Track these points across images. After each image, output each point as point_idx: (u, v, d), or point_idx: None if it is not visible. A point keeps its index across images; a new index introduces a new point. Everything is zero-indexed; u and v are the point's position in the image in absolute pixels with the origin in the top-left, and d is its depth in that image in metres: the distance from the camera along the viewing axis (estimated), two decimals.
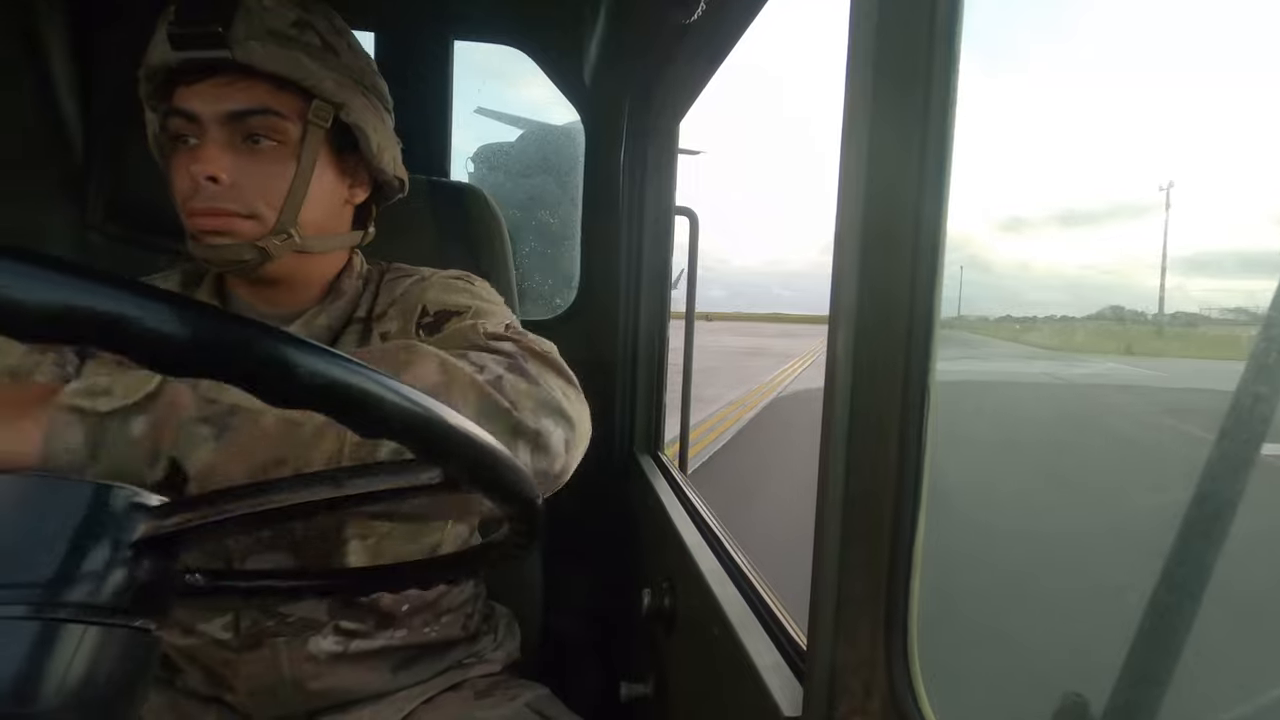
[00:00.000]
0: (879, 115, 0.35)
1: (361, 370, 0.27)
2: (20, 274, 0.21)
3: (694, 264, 1.21)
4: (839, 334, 0.38)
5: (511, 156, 1.50)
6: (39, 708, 0.27)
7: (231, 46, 0.62)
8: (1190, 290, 44.59)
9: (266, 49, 0.63)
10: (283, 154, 0.66)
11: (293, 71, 0.64)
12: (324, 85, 0.66)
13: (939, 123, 0.34)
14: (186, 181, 0.64)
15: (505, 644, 0.86)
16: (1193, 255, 67.61)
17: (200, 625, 0.68)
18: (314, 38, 0.67)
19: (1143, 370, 12.31)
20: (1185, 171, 69.25)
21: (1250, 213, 33.02)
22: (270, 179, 0.66)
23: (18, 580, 0.28)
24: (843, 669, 0.39)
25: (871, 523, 0.37)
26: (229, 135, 0.64)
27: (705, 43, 0.84)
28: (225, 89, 0.64)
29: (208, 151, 0.63)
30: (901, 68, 0.35)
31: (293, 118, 0.66)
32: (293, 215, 0.67)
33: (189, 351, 0.23)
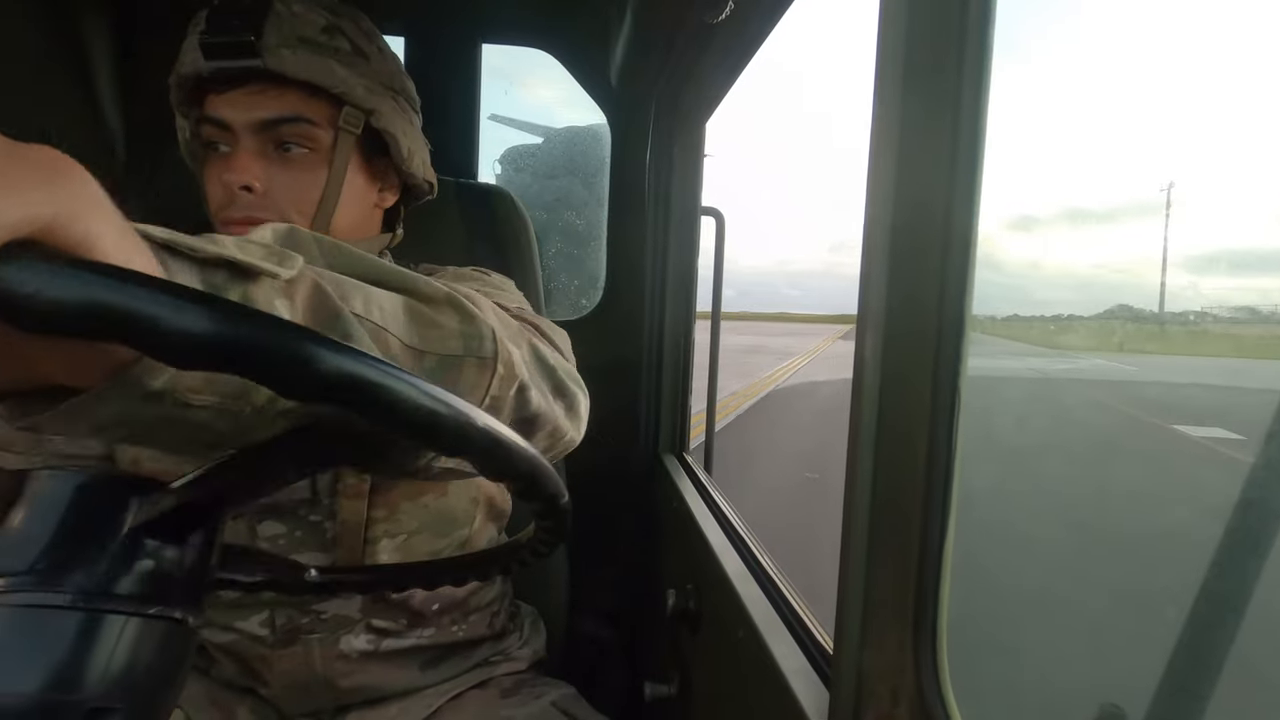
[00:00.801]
0: (909, 114, 0.35)
1: (391, 371, 0.27)
2: (55, 273, 0.21)
3: (720, 264, 1.21)
4: (867, 336, 0.37)
5: (538, 158, 1.50)
6: (84, 695, 0.28)
7: (263, 55, 0.62)
8: (1202, 288, 43.87)
9: (298, 56, 0.63)
10: (314, 161, 0.66)
11: (324, 79, 0.64)
12: (354, 92, 0.66)
13: (970, 121, 0.33)
14: (220, 190, 0.65)
15: (531, 642, 0.87)
16: (1210, 253, 65.73)
17: (238, 623, 0.69)
18: (344, 43, 0.67)
19: (1124, 366, 12.89)
20: (1201, 168, 67.35)
21: (1265, 210, 32.12)
22: (303, 186, 0.66)
23: (64, 572, 0.29)
24: (869, 674, 0.39)
25: (899, 527, 0.37)
26: (261, 143, 0.65)
27: (732, 42, 0.84)
28: (257, 97, 0.64)
29: (241, 160, 0.64)
30: (932, 65, 0.34)
31: (324, 124, 0.66)
32: (325, 222, 0.67)
33: (212, 348, 0.23)
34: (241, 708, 0.73)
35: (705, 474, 1.07)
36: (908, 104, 0.35)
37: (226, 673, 0.73)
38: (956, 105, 0.33)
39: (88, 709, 0.28)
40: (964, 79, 0.33)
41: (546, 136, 1.50)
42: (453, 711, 0.76)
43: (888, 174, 0.36)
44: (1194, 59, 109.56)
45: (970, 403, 0.34)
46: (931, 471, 0.35)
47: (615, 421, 1.24)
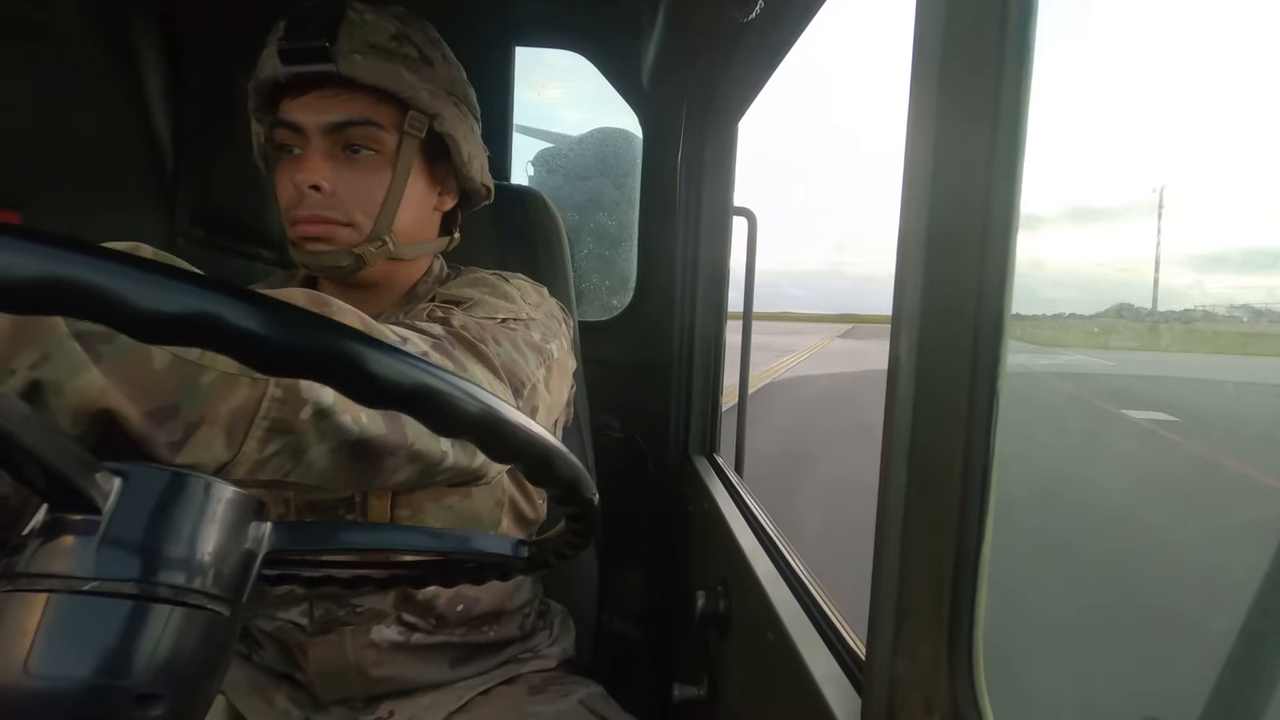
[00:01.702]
0: (945, 109, 0.34)
1: (443, 376, 0.29)
2: (138, 279, 0.22)
3: (752, 265, 1.20)
4: (901, 337, 0.37)
5: (570, 159, 1.51)
6: (132, 681, 0.29)
7: (336, 60, 0.64)
8: (1208, 286, 44.23)
9: (368, 62, 0.65)
10: (380, 163, 0.69)
11: (392, 83, 0.67)
12: (420, 97, 0.68)
13: (1010, 118, 0.33)
14: (291, 190, 0.67)
15: (560, 640, 0.87)
16: (1216, 252, 65.15)
17: (280, 612, 0.72)
18: (412, 50, 0.69)
19: (1103, 361, 14.16)
20: (1205, 166, 66.72)
21: (1266, 209, 31.79)
22: (368, 188, 0.68)
23: (116, 564, 0.30)
24: (902, 682, 0.38)
25: (934, 533, 0.36)
26: (330, 145, 0.67)
27: (763, 41, 0.83)
28: (328, 100, 0.66)
29: (311, 161, 0.66)
30: (970, 61, 0.33)
31: (390, 128, 0.68)
32: (387, 223, 0.69)
33: (287, 354, 0.25)
34: (279, 693, 0.75)
35: (736, 475, 1.06)
36: (944, 95, 0.34)
37: (267, 658, 0.76)
38: (996, 101, 0.33)
39: (135, 695, 0.29)
40: (1004, 73, 0.32)
41: (585, 134, 1.51)
42: (482, 706, 0.77)
43: (924, 172, 0.35)
44: (1195, 59, 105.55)
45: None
46: (968, 476, 0.34)
47: (645, 422, 1.24)
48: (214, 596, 0.32)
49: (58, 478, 0.29)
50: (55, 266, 0.21)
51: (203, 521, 0.33)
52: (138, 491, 0.31)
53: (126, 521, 0.31)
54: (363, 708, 0.76)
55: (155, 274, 0.23)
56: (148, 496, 0.32)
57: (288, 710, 0.74)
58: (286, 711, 0.74)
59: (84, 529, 0.30)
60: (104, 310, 0.22)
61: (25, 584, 0.29)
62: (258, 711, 0.74)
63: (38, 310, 0.22)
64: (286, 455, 0.41)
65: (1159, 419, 5.29)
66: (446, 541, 0.46)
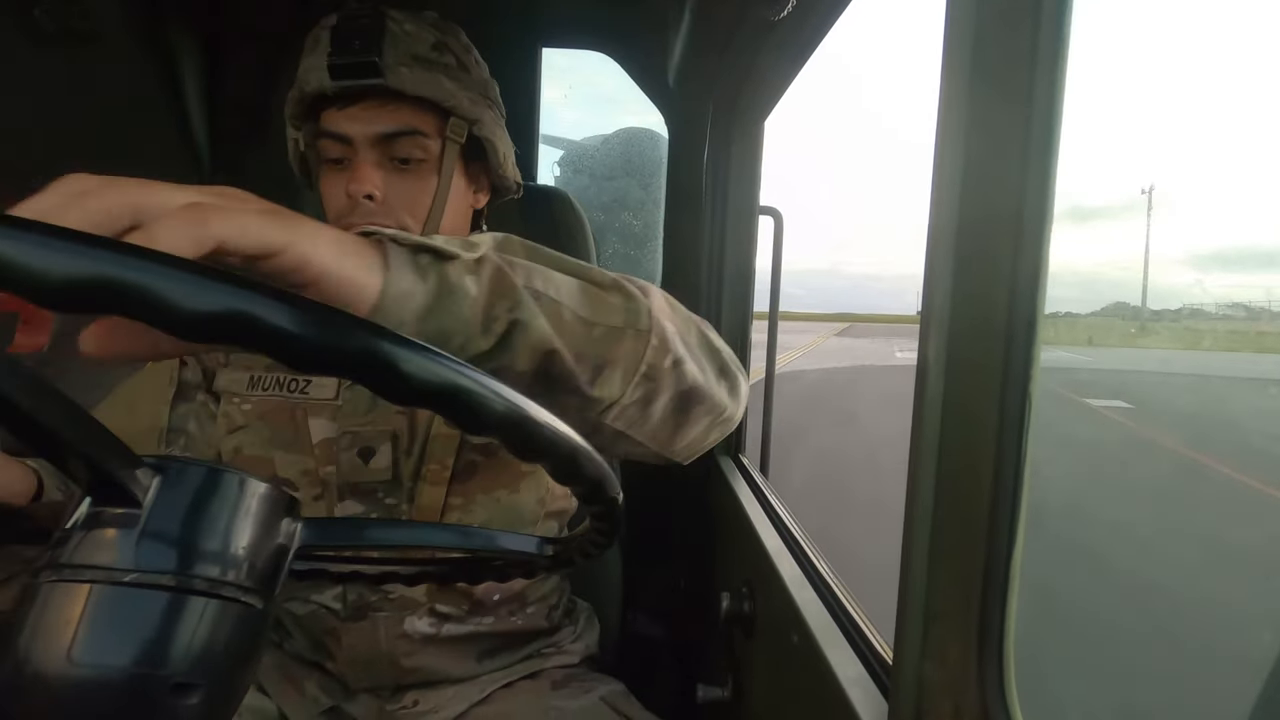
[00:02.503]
0: (977, 103, 0.33)
1: (471, 374, 0.29)
2: (179, 279, 0.23)
3: (778, 264, 1.19)
4: (931, 336, 0.36)
5: (596, 159, 1.52)
6: (169, 671, 0.30)
7: (384, 74, 0.66)
8: (1208, 285, 45.53)
9: (413, 74, 0.67)
10: (426, 170, 0.71)
11: (435, 93, 0.68)
12: (462, 104, 0.70)
13: (1045, 107, 0.32)
14: (342, 199, 0.69)
15: (584, 636, 0.88)
16: (1207, 252, 66.17)
17: (314, 596, 0.74)
18: (450, 58, 0.71)
19: (1080, 357, 15.39)
20: (1198, 168, 67.72)
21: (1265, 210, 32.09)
22: (417, 193, 0.70)
23: (154, 556, 0.31)
24: (930, 688, 0.37)
25: (964, 536, 0.35)
26: (379, 155, 0.69)
27: (792, 39, 0.82)
28: (375, 112, 0.68)
29: (363, 171, 0.68)
30: (1004, 56, 0.33)
31: (433, 135, 0.70)
32: (435, 226, 0.71)
33: (320, 353, 0.26)
34: (310, 681, 0.77)
35: (761, 476, 1.06)
36: (976, 94, 0.33)
37: (298, 646, 0.78)
38: (1030, 94, 0.32)
39: (173, 684, 0.30)
40: (1038, 65, 0.32)
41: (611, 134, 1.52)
42: (504, 699, 0.78)
43: (954, 170, 0.34)
44: (1191, 58, 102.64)
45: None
46: (999, 478, 0.34)
47: None
48: (248, 589, 0.33)
49: (101, 472, 0.30)
50: (104, 267, 0.22)
51: (237, 516, 0.33)
52: (175, 487, 0.32)
53: (165, 515, 0.32)
54: (389, 697, 0.77)
55: (196, 275, 0.24)
56: (185, 491, 0.32)
57: (317, 698, 0.76)
58: (316, 699, 0.76)
59: (125, 522, 0.31)
60: (148, 309, 0.23)
61: (69, 574, 0.30)
62: (288, 699, 0.76)
63: (85, 309, 0.23)
64: (640, 404, 0.48)
65: (1116, 406, 6.01)
66: (474, 539, 0.47)
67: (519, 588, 0.80)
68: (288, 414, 0.74)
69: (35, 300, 0.22)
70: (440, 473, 0.73)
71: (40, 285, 0.22)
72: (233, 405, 0.75)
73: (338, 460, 0.72)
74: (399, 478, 0.73)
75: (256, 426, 0.74)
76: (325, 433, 0.73)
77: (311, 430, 0.73)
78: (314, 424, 0.73)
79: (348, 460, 0.72)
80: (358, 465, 0.72)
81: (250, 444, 0.74)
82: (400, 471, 0.73)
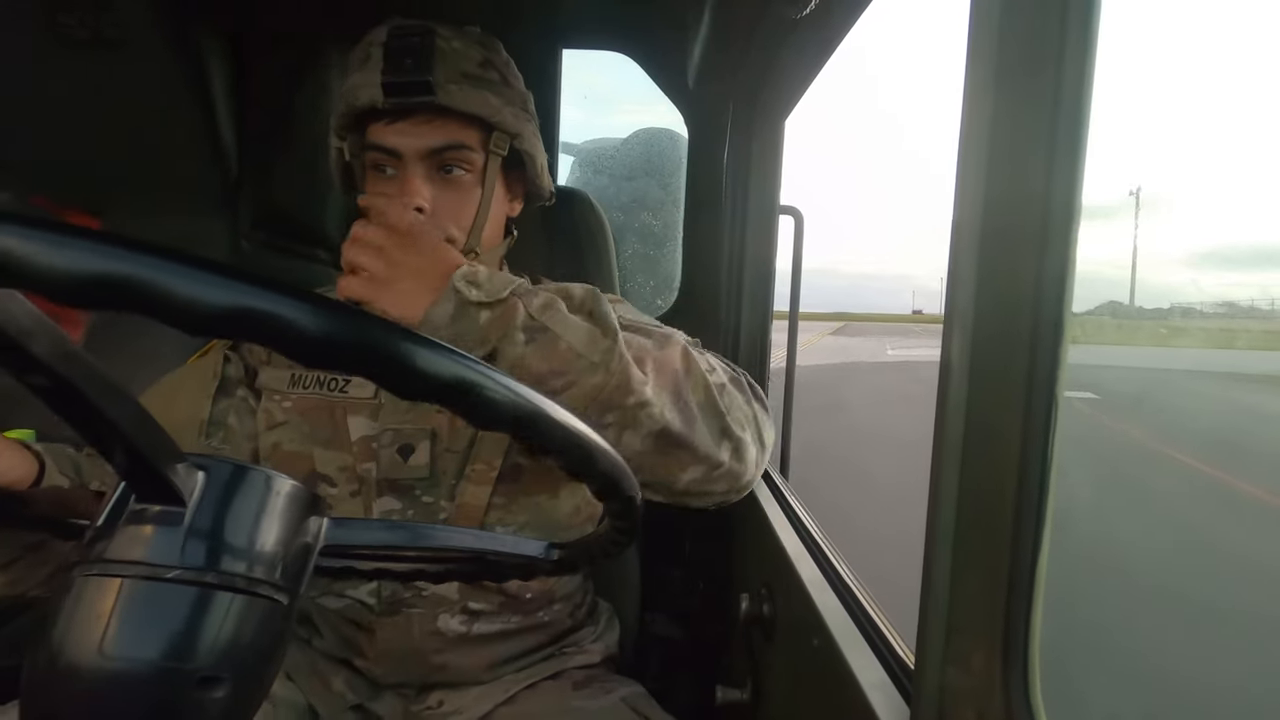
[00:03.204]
0: (1002, 97, 0.33)
1: (479, 368, 0.29)
2: (190, 277, 0.24)
3: (799, 264, 1.19)
4: (954, 338, 0.35)
5: (616, 160, 1.52)
6: (196, 664, 0.30)
7: (436, 92, 0.68)
8: (1203, 284, 45.81)
9: (463, 91, 0.69)
10: (471, 182, 0.73)
11: (483, 110, 0.71)
12: (505, 119, 0.73)
13: (1072, 103, 0.31)
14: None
15: (604, 637, 0.88)
16: (1208, 250, 66.64)
17: (350, 591, 0.76)
18: (494, 74, 0.73)
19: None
20: (1193, 169, 67.97)
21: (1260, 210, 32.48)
22: (462, 205, 0.73)
23: (197, 552, 0.32)
24: (953, 694, 0.37)
25: (988, 540, 0.35)
26: (427, 168, 0.71)
27: (813, 37, 0.82)
28: (424, 126, 0.70)
29: (413, 184, 0.70)
30: (1029, 50, 0.32)
31: (478, 148, 0.73)
32: (479, 236, 0.74)
33: (325, 347, 0.26)
34: (337, 678, 0.78)
35: (781, 478, 1.05)
36: (1002, 84, 0.33)
37: (327, 643, 0.79)
38: (1057, 83, 0.31)
39: (199, 677, 0.31)
40: (1066, 53, 0.31)
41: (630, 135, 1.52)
42: (527, 699, 0.78)
43: (978, 166, 0.34)
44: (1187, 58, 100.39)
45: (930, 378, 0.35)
46: (1024, 481, 0.33)
47: None
48: (275, 586, 0.34)
49: (150, 469, 0.31)
50: (120, 265, 0.23)
51: (270, 515, 0.34)
52: (216, 485, 0.33)
53: (207, 514, 0.32)
54: (414, 697, 0.78)
55: (206, 272, 0.24)
56: (224, 490, 0.33)
57: (344, 694, 0.77)
58: (343, 695, 0.77)
59: (170, 519, 0.32)
60: (162, 306, 0.23)
61: (104, 569, 0.31)
62: (316, 694, 0.77)
63: (101, 305, 0.23)
64: (615, 430, 0.60)
65: (1085, 397, 6.43)
66: (484, 542, 0.48)
67: (548, 585, 0.81)
68: (327, 411, 0.75)
69: (51, 297, 0.23)
70: (486, 473, 0.74)
71: (57, 283, 0.22)
72: (273, 402, 0.77)
73: (377, 456, 0.74)
74: (435, 474, 0.74)
75: (296, 423, 0.76)
76: (363, 430, 0.74)
77: (350, 428, 0.75)
78: (353, 421, 0.75)
79: (387, 456, 0.74)
80: (397, 462, 0.74)
81: (289, 440, 0.76)
82: (438, 469, 0.74)
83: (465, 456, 0.75)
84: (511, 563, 0.50)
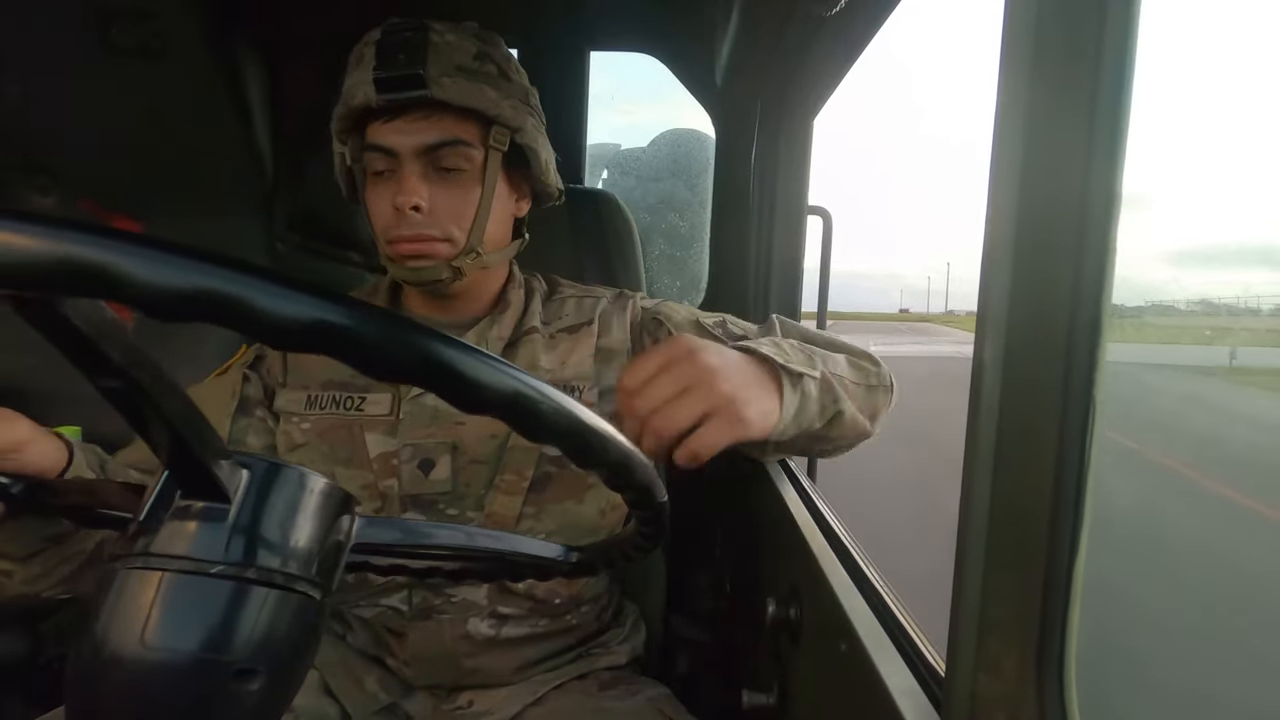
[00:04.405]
0: (1038, 93, 0.32)
1: (534, 385, 0.31)
2: (271, 292, 0.25)
3: (827, 264, 1.17)
4: (987, 339, 0.35)
5: (642, 161, 1.52)
6: (233, 656, 0.31)
7: (429, 86, 0.67)
8: (1184, 282, 45.44)
9: (456, 84, 0.68)
10: (469, 178, 0.71)
11: (478, 103, 0.69)
12: (504, 112, 0.71)
13: (1111, 98, 0.30)
14: (389, 211, 0.70)
15: (631, 638, 0.88)
16: (1191, 250, 65.44)
17: (383, 600, 0.76)
18: (492, 67, 0.71)
19: None
20: (1178, 171, 66.61)
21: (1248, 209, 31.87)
22: (461, 203, 0.71)
23: (241, 548, 0.32)
24: (985, 702, 0.36)
25: (1022, 545, 0.34)
26: (423, 166, 0.70)
27: (842, 35, 0.81)
28: (418, 123, 0.69)
29: (409, 183, 0.69)
30: (1067, 43, 0.31)
31: (476, 144, 0.71)
32: (480, 234, 0.72)
33: (397, 362, 0.27)
34: (370, 676, 0.78)
35: (808, 480, 1.04)
36: (1037, 78, 0.32)
37: (360, 641, 0.80)
38: (1095, 76, 0.30)
39: (236, 669, 0.31)
40: (1103, 57, 0.30)
41: (658, 136, 1.52)
42: (555, 699, 0.79)
43: (1013, 160, 0.33)
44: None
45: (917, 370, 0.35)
46: (1060, 484, 0.32)
47: None
48: (310, 581, 0.34)
49: (199, 466, 0.32)
50: (209, 281, 0.24)
51: (303, 512, 0.35)
52: (258, 482, 0.34)
53: (249, 510, 0.33)
54: (445, 697, 0.79)
55: (285, 288, 0.25)
56: (265, 487, 0.34)
57: (376, 694, 0.77)
58: (375, 695, 0.77)
59: (215, 515, 0.32)
60: (242, 318, 0.25)
61: (147, 563, 0.32)
62: (348, 694, 0.77)
63: (189, 318, 0.24)
64: (868, 418, 0.69)
65: None
66: (505, 543, 0.49)
67: (576, 589, 0.81)
68: (345, 431, 0.75)
69: (148, 311, 0.24)
70: (517, 483, 0.74)
71: (153, 297, 0.23)
72: (291, 424, 0.77)
73: (399, 473, 0.74)
74: (459, 489, 0.74)
75: (315, 444, 0.76)
76: (382, 447, 0.74)
77: (369, 445, 0.75)
78: (370, 439, 0.75)
79: (409, 472, 0.74)
80: (418, 477, 0.74)
81: (310, 461, 0.76)
82: (460, 481, 0.74)
83: (494, 467, 0.75)
84: (529, 563, 0.50)
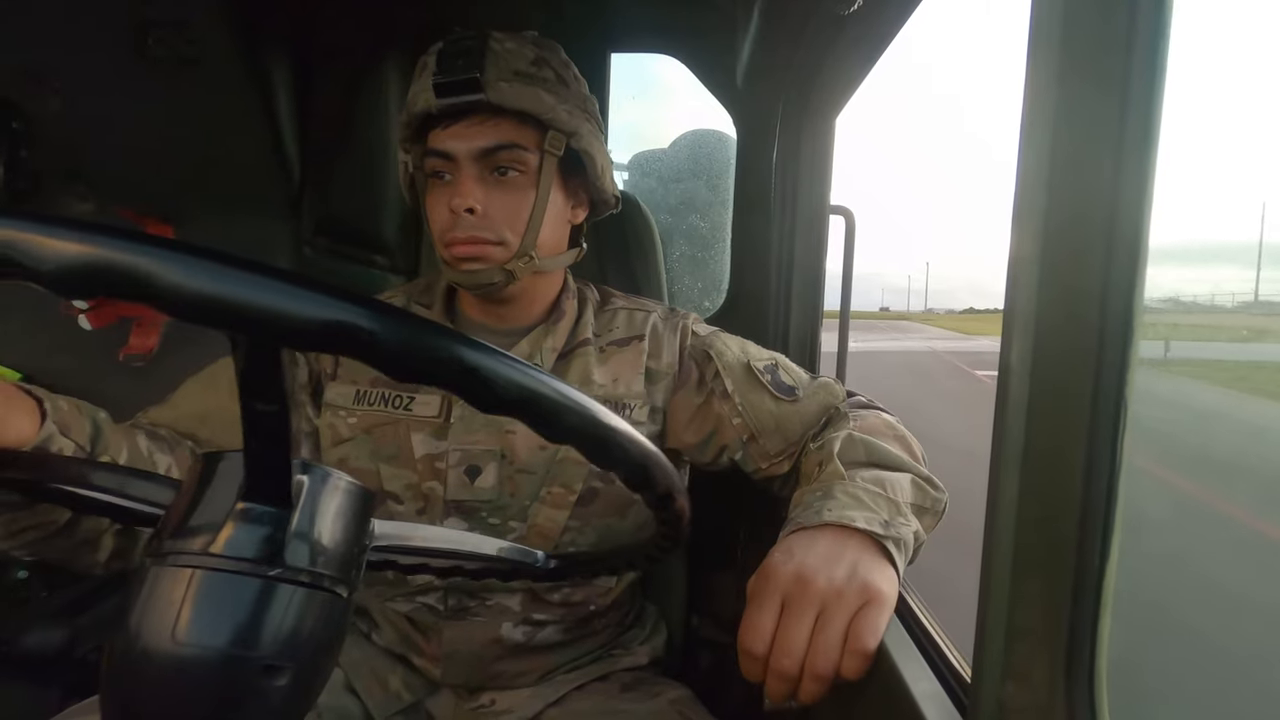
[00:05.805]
0: (1066, 93, 0.32)
1: (552, 384, 0.31)
2: (293, 295, 0.26)
3: (849, 265, 1.16)
4: (1014, 341, 0.34)
5: (664, 163, 1.52)
6: (261, 652, 0.32)
7: (485, 89, 0.68)
8: (1159, 280, 44.84)
9: (513, 88, 0.69)
10: (524, 182, 0.72)
11: (534, 107, 0.70)
12: (559, 117, 0.71)
13: (1143, 91, 0.30)
14: (445, 214, 0.72)
15: (651, 640, 0.88)
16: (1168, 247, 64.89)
17: (420, 597, 0.77)
18: (549, 73, 0.73)
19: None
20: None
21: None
22: (516, 207, 0.72)
23: (249, 545, 0.33)
24: (1012, 710, 0.35)
25: (1050, 550, 0.33)
26: (480, 169, 0.71)
27: (864, 33, 0.80)
28: (476, 128, 0.70)
29: (464, 186, 0.70)
30: (1096, 39, 0.31)
31: (532, 148, 0.72)
32: (533, 239, 0.73)
33: (412, 359, 0.28)
34: (394, 675, 0.79)
35: None
36: (1066, 78, 0.31)
37: (387, 638, 0.81)
38: (1126, 75, 0.30)
39: (263, 665, 0.32)
40: (1135, 44, 0.30)
41: (679, 137, 1.52)
42: (577, 700, 0.79)
43: (1041, 158, 0.32)
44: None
45: (878, 364, 0.35)
46: (1090, 487, 0.32)
47: None
48: (337, 580, 0.35)
49: (269, 473, 0.33)
50: (232, 287, 0.25)
51: (334, 513, 0.36)
52: (313, 489, 0.35)
53: (308, 516, 0.34)
54: (468, 696, 0.79)
55: (306, 290, 0.26)
56: (316, 493, 0.35)
57: (399, 693, 0.78)
58: (398, 694, 0.78)
59: (248, 516, 0.33)
60: (263, 322, 0.25)
61: (178, 560, 0.33)
62: (372, 694, 0.77)
63: (211, 323, 0.25)
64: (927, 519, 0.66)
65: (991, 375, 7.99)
66: (509, 551, 0.51)
67: (612, 597, 0.81)
68: (391, 428, 0.76)
69: (174, 314, 0.25)
70: (564, 496, 0.75)
71: (181, 302, 0.24)
72: (339, 418, 0.77)
73: (445, 477, 0.74)
74: (504, 499, 0.75)
75: (361, 440, 0.76)
76: (427, 448, 0.75)
77: (414, 445, 0.75)
78: (416, 439, 0.75)
79: (455, 477, 0.74)
80: (464, 483, 0.74)
81: (356, 456, 0.76)
82: (505, 491, 0.75)
83: (542, 479, 0.75)
84: (506, 568, 0.52)
